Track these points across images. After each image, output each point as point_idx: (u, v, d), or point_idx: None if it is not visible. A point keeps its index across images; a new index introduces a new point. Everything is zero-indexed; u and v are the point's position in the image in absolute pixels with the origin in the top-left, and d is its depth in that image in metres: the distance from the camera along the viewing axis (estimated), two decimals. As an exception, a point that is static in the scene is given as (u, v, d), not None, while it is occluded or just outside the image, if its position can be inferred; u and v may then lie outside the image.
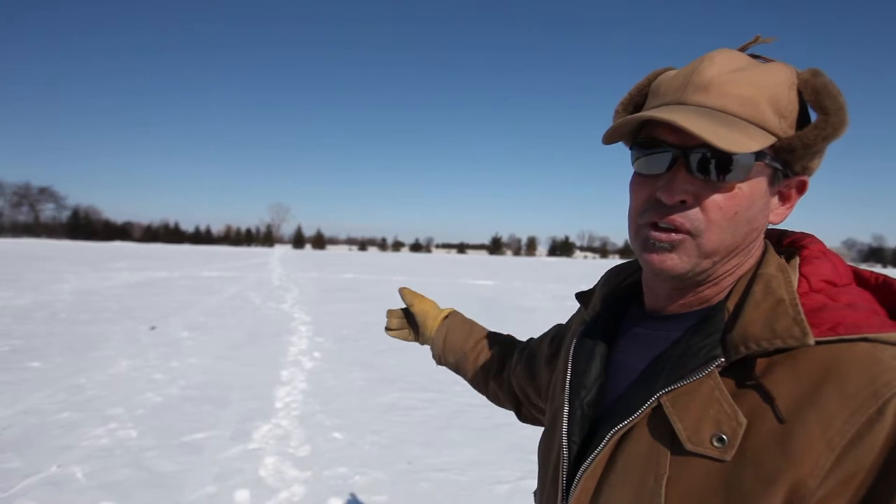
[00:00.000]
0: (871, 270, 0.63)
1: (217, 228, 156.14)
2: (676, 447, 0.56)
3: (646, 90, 0.68)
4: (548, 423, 0.78)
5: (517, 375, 1.02)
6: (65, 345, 6.92)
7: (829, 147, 0.60)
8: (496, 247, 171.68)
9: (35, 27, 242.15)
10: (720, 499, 0.53)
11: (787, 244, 0.68)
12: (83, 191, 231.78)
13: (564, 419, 0.69)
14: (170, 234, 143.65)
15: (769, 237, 0.68)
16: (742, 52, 0.63)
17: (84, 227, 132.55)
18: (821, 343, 0.53)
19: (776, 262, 0.61)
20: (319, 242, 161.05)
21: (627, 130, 0.63)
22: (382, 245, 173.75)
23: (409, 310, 1.20)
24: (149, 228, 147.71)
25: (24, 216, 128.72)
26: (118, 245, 78.94)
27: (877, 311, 0.57)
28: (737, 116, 0.57)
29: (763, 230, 0.63)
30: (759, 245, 0.64)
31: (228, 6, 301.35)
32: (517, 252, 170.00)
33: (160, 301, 11.99)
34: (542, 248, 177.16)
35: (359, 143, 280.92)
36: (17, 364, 5.85)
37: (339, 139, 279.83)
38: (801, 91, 0.59)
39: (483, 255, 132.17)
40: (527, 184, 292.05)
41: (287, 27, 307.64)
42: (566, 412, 0.69)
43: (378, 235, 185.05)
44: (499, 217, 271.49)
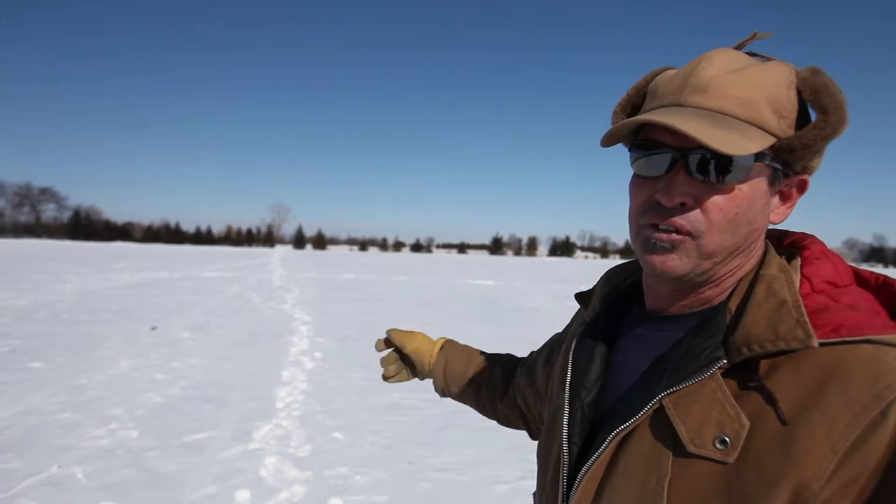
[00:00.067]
0: (871, 271, 0.63)
1: (218, 229, 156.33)
2: (678, 449, 0.56)
3: (644, 91, 0.67)
4: (546, 425, 0.78)
5: (521, 389, 1.00)
6: (65, 345, 6.92)
7: (830, 146, 0.60)
8: (497, 247, 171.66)
9: (35, 27, 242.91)
10: (722, 501, 0.53)
11: (788, 244, 0.67)
12: (84, 191, 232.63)
13: (565, 420, 0.69)
14: (170, 235, 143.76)
15: (769, 237, 0.67)
16: (740, 51, 0.63)
17: (85, 228, 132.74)
18: (823, 344, 0.53)
19: (778, 263, 0.61)
20: (320, 243, 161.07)
21: (626, 132, 0.62)
22: (383, 245, 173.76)
23: (403, 351, 1.15)
24: (150, 229, 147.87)
25: (26, 216, 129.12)
26: (119, 245, 79.05)
27: (878, 312, 0.57)
28: (735, 118, 0.57)
29: (764, 230, 0.63)
30: (760, 245, 0.64)
31: (228, 6, 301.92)
32: (518, 252, 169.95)
33: (161, 301, 11.99)
34: (543, 248, 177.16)
35: (359, 143, 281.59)
36: (18, 364, 5.86)
37: (340, 139, 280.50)
38: (801, 90, 0.59)
39: (484, 255, 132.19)
40: (527, 184, 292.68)
41: (287, 27, 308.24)
42: (566, 413, 0.69)
43: (379, 235, 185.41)
44: (499, 217, 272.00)
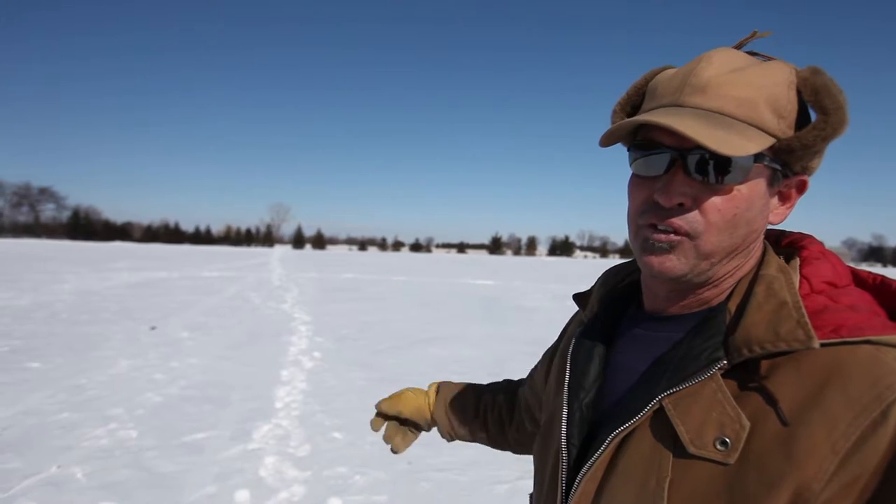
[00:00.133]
0: (869, 271, 0.63)
1: (217, 228, 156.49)
2: (679, 450, 0.56)
3: (643, 90, 0.67)
4: (544, 426, 0.77)
5: (527, 409, 0.97)
6: (65, 345, 6.91)
7: (830, 146, 0.60)
8: (496, 246, 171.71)
9: (35, 27, 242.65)
10: (723, 502, 0.52)
11: (786, 245, 0.67)
12: (83, 191, 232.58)
13: (563, 421, 0.68)
14: (170, 235, 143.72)
15: (767, 238, 0.67)
16: (740, 51, 0.63)
17: (84, 228, 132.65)
18: (824, 345, 0.53)
19: (777, 264, 0.61)
20: (319, 242, 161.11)
21: (625, 132, 0.62)
22: (382, 245, 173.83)
23: (401, 417, 1.11)
24: (149, 228, 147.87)
25: (25, 216, 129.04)
26: (118, 245, 78.97)
27: (877, 313, 0.57)
28: (734, 118, 0.56)
29: (763, 231, 0.63)
30: (759, 246, 0.64)
31: (228, 6, 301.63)
32: (517, 252, 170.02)
33: (160, 301, 11.99)
34: (543, 248, 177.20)
35: (359, 143, 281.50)
36: (17, 364, 5.85)
37: (339, 139, 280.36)
38: (801, 90, 0.59)
39: (483, 255, 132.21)
40: (527, 184, 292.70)
41: (287, 27, 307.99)
42: (565, 414, 0.68)
43: (378, 235, 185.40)
44: (499, 217, 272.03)
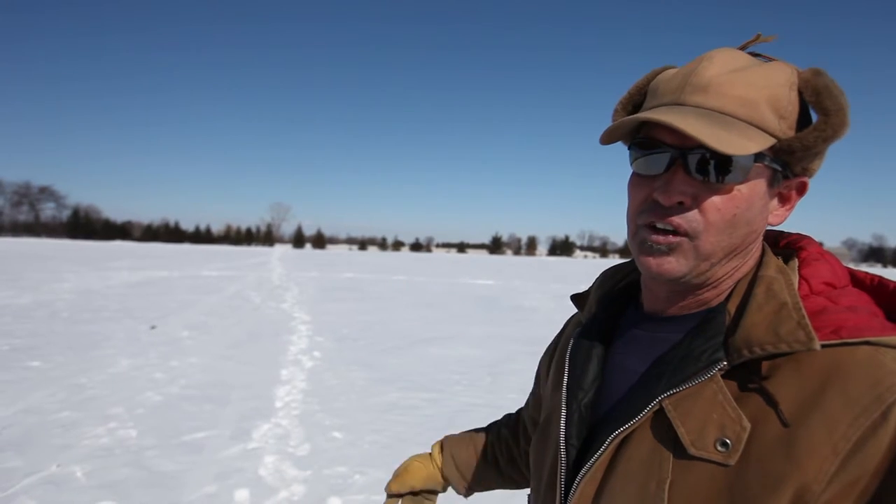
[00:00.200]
0: (866, 271, 0.63)
1: (217, 228, 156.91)
2: (679, 451, 0.56)
3: (645, 89, 0.67)
4: (541, 426, 0.76)
5: (532, 423, 0.93)
6: (65, 344, 6.92)
7: (830, 147, 0.59)
8: (496, 246, 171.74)
9: (35, 27, 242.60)
10: (724, 503, 0.52)
11: (784, 246, 0.67)
12: (83, 190, 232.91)
13: (562, 422, 0.68)
14: (170, 234, 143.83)
15: (765, 239, 0.67)
16: (742, 52, 0.63)
17: (84, 227, 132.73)
18: (824, 346, 0.53)
19: (776, 265, 0.61)
20: (320, 242, 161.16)
21: (626, 130, 0.62)
22: (383, 244, 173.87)
23: (414, 491, 1.06)
24: (149, 228, 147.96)
25: (25, 215, 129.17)
26: (118, 244, 79.06)
27: (876, 314, 0.57)
28: (735, 118, 0.56)
29: (762, 232, 0.63)
30: (758, 247, 0.64)
31: (228, 6, 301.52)
32: (517, 252, 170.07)
33: (160, 300, 11.99)
34: (543, 248, 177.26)
35: (359, 143, 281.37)
36: (18, 363, 5.85)
37: (340, 139, 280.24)
38: (802, 91, 0.58)
39: (483, 255, 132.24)
40: (527, 184, 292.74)
41: (287, 27, 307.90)
42: (563, 415, 0.68)
43: (378, 235, 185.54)
44: (499, 217, 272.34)
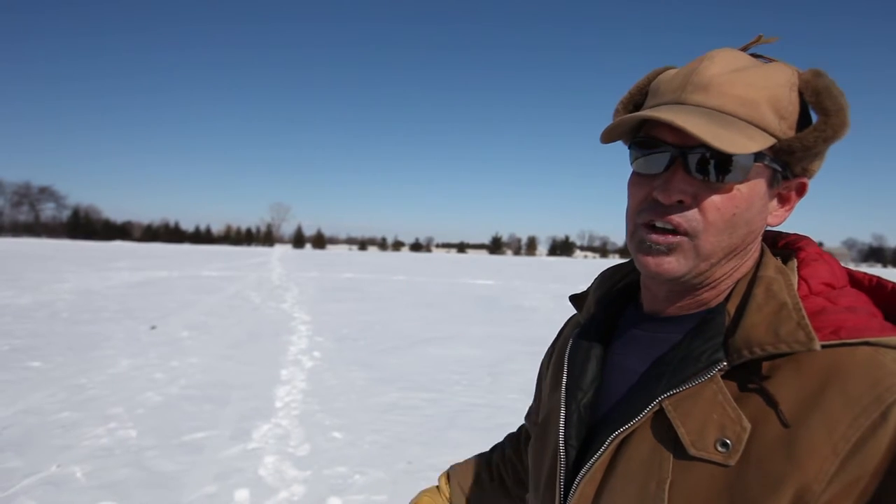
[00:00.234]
0: (864, 272, 0.63)
1: (217, 228, 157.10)
2: (679, 452, 0.56)
3: (646, 89, 0.67)
4: (540, 426, 0.75)
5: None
6: (65, 344, 6.92)
7: (831, 147, 0.60)
8: (496, 246, 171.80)
9: (35, 27, 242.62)
10: (724, 503, 0.52)
11: (782, 246, 0.67)
12: (83, 190, 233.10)
13: (561, 423, 0.67)
14: (170, 234, 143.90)
15: (763, 240, 0.67)
16: (743, 52, 0.63)
17: (84, 227, 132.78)
18: (823, 346, 0.53)
19: (774, 265, 0.61)
20: (320, 242, 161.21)
21: (626, 129, 0.62)
22: (382, 244, 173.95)
23: None
24: (149, 228, 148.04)
25: (25, 216, 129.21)
26: (118, 244, 79.11)
27: (874, 314, 0.57)
28: (736, 117, 0.56)
29: (761, 232, 0.63)
30: (757, 247, 0.64)
31: (228, 6, 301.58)
32: (517, 252, 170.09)
33: (160, 300, 11.99)
34: (543, 248, 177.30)
35: (359, 143, 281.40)
36: (18, 363, 5.86)
37: (340, 139, 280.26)
38: (802, 92, 0.59)
39: (483, 255, 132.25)
40: (527, 184, 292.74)
41: (287, 27, 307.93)
42: (562, 415, 0.68)
43: (378, 235, 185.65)
44: (499, 217, 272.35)
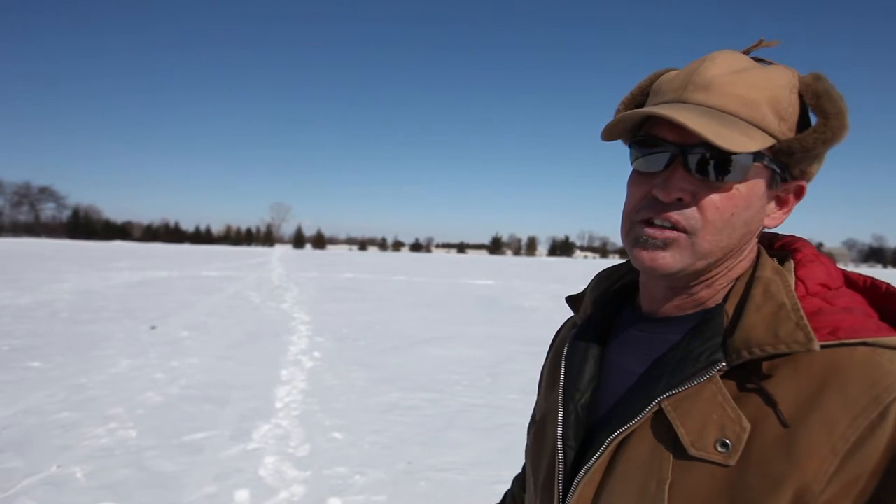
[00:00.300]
0: (858, 273, 0.63)
1: (217, 228, 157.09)
2: (679, 452, 0.56)
3: (647, 90, 0.68)
4: (537, 427, 0.75)
5: None
6: (65, 344, 6.92)
7: (830, 149, 0.60)
8: (496, 247, 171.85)
9: (35, 27, 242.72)
10: (724, 503, 0.53)
11: (778, 248, 0.67)
12: (83, 190, 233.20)
13: (559, 423, 0.67)
14: (170, 234, 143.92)
15: (760, 241, 0.67)
16: (744, 55, 0.63)
17: (84, 227, 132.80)
18: (822, 347, 0.53)
19: (772, 266, 0.61)
20: (320, 242, 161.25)
21: (627, 127, 0.62)
22: (383, 245, 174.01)
23: None
24: (149, 228, 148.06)
25: (25, 216, 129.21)
26: (118, 244, 79.14)
27: (870, 315, 0.57)
28: (737, 116, 0.57)
29: (758, 233, 0.63)
30: (753, 248, 0.64)
31: (228, 6, 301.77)
32: (517, 252, 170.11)
33: (160, 301, 12.00)
34: (543, 248, 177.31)
35: (359, 143, 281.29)
36: (18, 363, 5.86)
37: (340, 139, 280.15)
38: (803, 94, 0.59)
39: (483, 255, 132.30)
40: (527, 184, 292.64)
41: (287, 27, 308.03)
42: (560, 416, 0.68)
43: (378, 235, 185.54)
44: (499, 217, 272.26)
